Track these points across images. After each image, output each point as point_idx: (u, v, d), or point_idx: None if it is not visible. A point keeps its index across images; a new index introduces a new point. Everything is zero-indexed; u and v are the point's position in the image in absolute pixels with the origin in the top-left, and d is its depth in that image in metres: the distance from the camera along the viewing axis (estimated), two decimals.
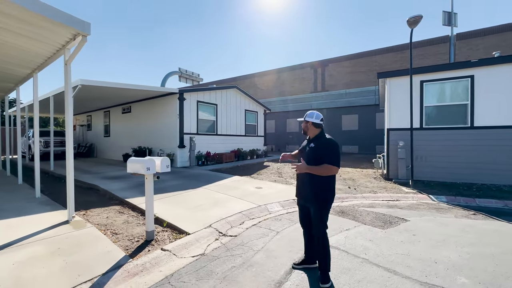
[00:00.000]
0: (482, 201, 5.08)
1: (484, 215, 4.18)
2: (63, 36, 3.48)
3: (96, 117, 15.07)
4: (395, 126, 7.41)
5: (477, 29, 17.46)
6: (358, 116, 19.32)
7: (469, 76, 6.52)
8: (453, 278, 2.28)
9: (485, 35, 17.26)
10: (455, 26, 14.88)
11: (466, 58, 16.62)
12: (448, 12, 14.70)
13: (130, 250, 2.99)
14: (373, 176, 8.00)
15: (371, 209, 4.57)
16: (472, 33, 17.55)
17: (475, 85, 6.46)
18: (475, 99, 6.46)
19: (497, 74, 6.28)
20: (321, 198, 2.29)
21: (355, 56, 21.24)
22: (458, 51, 17.49)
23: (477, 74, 6.44)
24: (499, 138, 6.23)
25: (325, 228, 2.32)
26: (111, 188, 5.71)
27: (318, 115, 2.41)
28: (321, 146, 2.31)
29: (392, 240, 3.14)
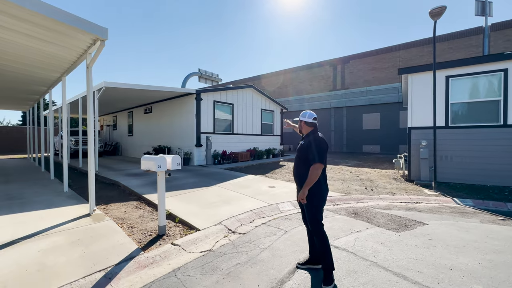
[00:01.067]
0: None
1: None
2: (85, 42, 3.73)
3: (121, 117, 15.93)
4: (418, 124, 7.01)
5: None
6: (380, 114, 18.53)
7: (502, 70, 5.98)
8: (469, 287, 2.12)
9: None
10: (490, 15, 13.71)
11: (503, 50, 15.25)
12: (482, 1, 13.58)
13: (143, 243, 3.14)
14: (393, 177, 7.64)
15: (387, 211, 4.38)
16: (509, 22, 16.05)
17: (509, 80, 5.92)
18: (509, 94, 5.92)
19: None
20: (309, 195, 2.32)
21: (377, 52, 20.35)
22: (494, 43, 16.08)
23: (511, 68, 5.89)
24: None
25: (320, 225, 2.33)
26: (131, 185, 6.02)
27: (310, 115, 2.53)
28: (307, 143, 2.43)
29: (406, 244, 2.99)
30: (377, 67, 19.87)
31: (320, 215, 2.36)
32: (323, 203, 2.41)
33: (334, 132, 20.70)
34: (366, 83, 20.12)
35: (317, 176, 2.26)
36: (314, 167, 2.27)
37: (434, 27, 5.92)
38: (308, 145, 2.38)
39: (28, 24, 3.27)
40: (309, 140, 2.41)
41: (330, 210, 4.50)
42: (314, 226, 2.34)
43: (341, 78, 21.62)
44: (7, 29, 3.39)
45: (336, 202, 5.09)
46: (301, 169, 2.42)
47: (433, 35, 6.04)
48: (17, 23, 3.23)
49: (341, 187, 6.22)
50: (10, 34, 3.54)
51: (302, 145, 2.47)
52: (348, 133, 19.99)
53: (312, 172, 2.26)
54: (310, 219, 2.36)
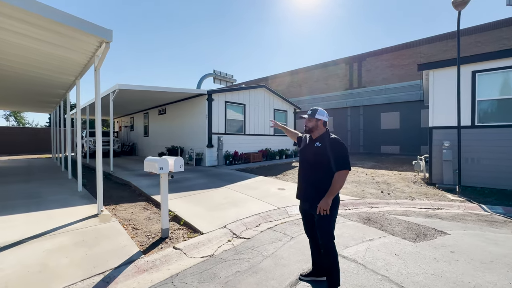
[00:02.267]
0: None
1: None
2: (92, 44, 3.78)
3: (137, 118, 16.40)
4: (440, 124, 6.53)
5: None
6: (400, 113, 17.67)
7: None
8: None
9: None
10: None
11: None
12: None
13: (145, 246, 3.11)
14: (413, 180, 7.17)
15: (403, 218, 4.06)
16: None
17: None
18: None
19: None
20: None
21: (396, 48, 19.42)
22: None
23: None
24: None
25: (333, 239, 2.09)
26: (141, 185, 6.10)
27: (327, 114, 2.33)
28: (328, 146, 2.13)
29: (423, 256, 2.71)
30: (396, 63, 18.96)
31: (334, 226, 2.15)
32: (337, 212, 2.21)
33: (351, 132, 20.03)
34: (384, 81, 19.28)
35: (343, 182, 2.06)
36: (342, 174, 2.03)
37: (458, 18, 5.46)
38: (331, 149, 2.10)
39: (44, 31, 3.38)
40: (331, 143, 2.12)
41: (342, 215, 4.25)
42: (327, 241, 2.09)
43: (358, 76, 20.88)
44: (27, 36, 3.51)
45: (348, 207, 4.82)
46: (318, 175, 2.13)
47: (457, 27, 5.57)
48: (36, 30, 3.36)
49: (355, 190, 5.92)
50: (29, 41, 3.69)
51: (319, 147, 2.16)
52: (365, 133, 19.25)
53: (339, 180, 2.02)
54: (325, 233, 2.08)
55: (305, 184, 2.24)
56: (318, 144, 2.18)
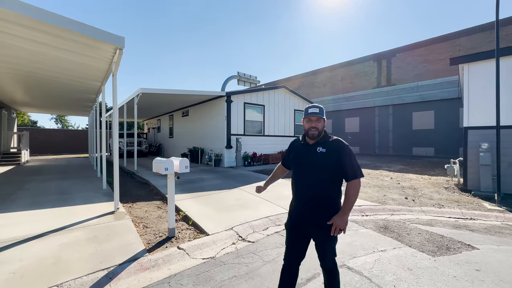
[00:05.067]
0: None
1: None
2: (109, 52, 4.03)
3: (163, 120, 17.22)
4: (476, 123, 5.85)
5: None
6: (435, 112, 16.28)
7: None
8: None
9: None
10: None
11: None
12: None
13: (151, 244, 3.20)
14: (444, 186, 6.51)
15: (426, 228, 3.68)
16: None
17: None
18: None
19: None
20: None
21: (430, 42, 17.91)
22: None
23: None
24: None
25: (335, 256, 1.86)
26: (159, 184, 6.35)
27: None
28: (335, 151, 1.75)
29: (441, 272, 2.41)
30: (430, 59, 17.50)
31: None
32: None
33: (379, 133, 18.92)
34: (416, 77, 17.90)
35: (358, 193, 1.75)
36: (357, 183, 1.72)
37: (497, 5, 4.83)
38: (341, 154, 1.73)
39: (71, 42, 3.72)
40: (339, 146, 1.76)
41: (356, 222, 4.00)
42: (333, 264, 1.83)
43: (387, 73, 19.67)
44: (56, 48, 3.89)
45: (365, 213, 4.52)
46: (324, 188, 1.74)
47: (495, 15, 4.94)
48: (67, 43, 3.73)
49: (375, 196, 5.54)
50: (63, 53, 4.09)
51: (324, 154, 1.75)
52: (395, 134, 18.03)
53: (355, 192, 1.71)
54: (332, 255, 1.81)
55: (307, 199, 1.80)
56: (322, 149, 1.76)
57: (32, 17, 2.94)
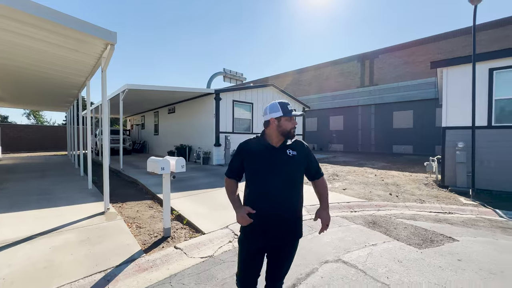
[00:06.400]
0: None
1: None
2: (99, 47, 3.87)
3: (148, 117, 16.74)
4: (454, 124, 6.26)
5: None
6: (413, 112, 17.12)
7: None
8: None
9: None
10: None
11: None
12: None
13: (147, 245, 3.16)
14: (424, 182, 6.93)
15: (411, 222, 3.93)
16: None
17: None
18: None
19: None
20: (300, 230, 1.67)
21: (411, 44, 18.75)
22: None
23: None
24: None
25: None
26: (148, 183, 6.22)
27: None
28: (304, 152, 1.63)
29: (428, 264, 2.61)
30: (410, 60, 18.34)
31: None
32: None
33: (362, 131, 19.60)
34: (397, 78, 18.70)
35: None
36: (325, 180, 1.71)
37: (474, 13, 5.19)
38: (308, 153, 1.64)
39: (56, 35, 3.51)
40: (303, 146, 1.65)
41: (346, 218, 4.17)
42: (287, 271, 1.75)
43: (370, 73, 20.36)
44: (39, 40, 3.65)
45: (354, 209, 4.72)
46: (296, 195, 1.59)
47: (473, 22, 5.30)
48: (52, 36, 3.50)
49: (362, 192, 5.78)
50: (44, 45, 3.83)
51: (296, 156, 1.58)
52: (377, 132, 18.78)
53: (327, 186, 1.71)
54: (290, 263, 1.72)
55: (278, 213, 1.55)
56: (293, 152, 1.58)
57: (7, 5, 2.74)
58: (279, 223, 1.56)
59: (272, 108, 1.61)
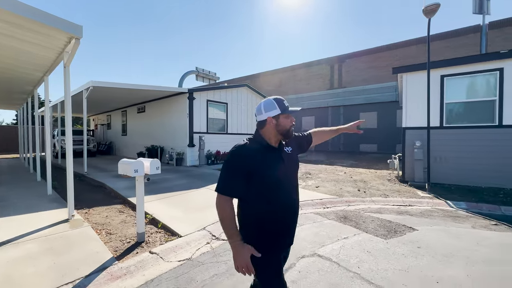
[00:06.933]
0: (509, 209, 4.54)
1: (508, 226, 3.71)
2: (61, 40, 3.57)
3: (115, 116, 15.74)
4: (412, 124, 6.89)
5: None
6: (377, 113, 18.42)
7: (497, 69, 5.85)
8: None
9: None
10: (488, 14, 13.55)
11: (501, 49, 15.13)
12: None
13: (119, 251, 3.00)
14: (387, 178, 7.52)
15: (377, 215, 4.25)
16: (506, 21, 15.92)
17: (505, 79, 5.79)
18: (504, 94, 5.79)
19: None
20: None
21: (375, 50, 20.20)
22: (491, 42, 15.96)
23: (507, 67, 5.76)
24: None
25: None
26: (117, 187, 5.88)
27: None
28: (294, 143, 1.59)
29: (393, 252, 2.86)
30: (374, 65, 19.73)
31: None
32: None
33: None
34: (363, 81, 19.99)
35: None
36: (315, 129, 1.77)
37: (428, 25, 5.77)
38: (296, 142, 1.61)
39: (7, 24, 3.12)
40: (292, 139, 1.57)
41: (320, 214, 4.37)
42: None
43: (338, 76, 21.48)
44: None
45: (327, 205, 4.96)
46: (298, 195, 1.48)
47: (427, 34, 5.89)
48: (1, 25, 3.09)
49: (333, 189, 6.10)
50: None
51: (293, 152, 1.51)
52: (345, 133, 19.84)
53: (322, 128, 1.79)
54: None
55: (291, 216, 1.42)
56: (290, 148, 1.51)
57: None
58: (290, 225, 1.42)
59: (268, 106, 1.40)
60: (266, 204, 1.31)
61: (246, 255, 1.27)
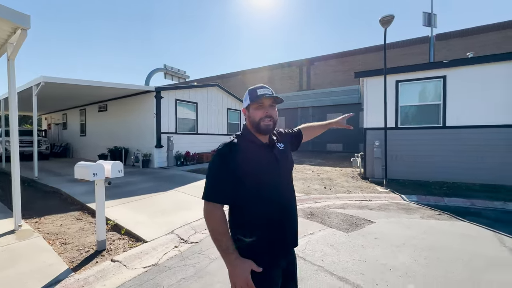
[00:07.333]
0: (450, 200, 5.16)
1: (449, 215, 4.22)
2: (5, 31, 3.18)
3: (72, 115, 14.43)
4: (372, 125, 7.44)
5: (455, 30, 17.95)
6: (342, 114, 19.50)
7: (441, 77, 6.60)
8: (404, 287, 2.23)
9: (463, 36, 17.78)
10: (435, 27, 15.20)
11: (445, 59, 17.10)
12: (428, 13, 14.99)
13: (76, 262, 2.78)
14: (351, 175, 8.03)
15: (341, 211, 4.53)
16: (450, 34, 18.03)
17: (448, 86, 6.56)
18: (447, 99, 6.56)
19: (466, 75, 6.39)
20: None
21: (340, 55, 21.40)
22: (438, 52, 17.93)
23: (449, 75, 6.53)
24: (469, 138, 6.36)
25: None
26: (75, 192, 5.41)
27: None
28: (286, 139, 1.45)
29: (353, 244, 3.08)
30: (339, 69, 20.89)
31: None
32: None
33: None
34: (330, 84, 21.05)
35: None
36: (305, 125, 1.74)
37: (384, 34, 6.30)
38: (288, 139, 1.49)
39: None
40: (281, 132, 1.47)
41: None
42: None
43: (307, 78, 22.31)
44: None
45: None
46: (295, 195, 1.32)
47: (384, 42, 6.42)
48: None
49: (302, 187, 6.33)
50: None
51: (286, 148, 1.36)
52: None
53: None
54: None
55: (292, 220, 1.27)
56: (282, 145, 1.34)
57: None
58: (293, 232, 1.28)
59: (245, 95, 1.26)
60: (260, 208, 1.15)
61: (247, 271, 1.07)
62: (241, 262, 1.08)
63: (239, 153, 1.16)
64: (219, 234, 1.10)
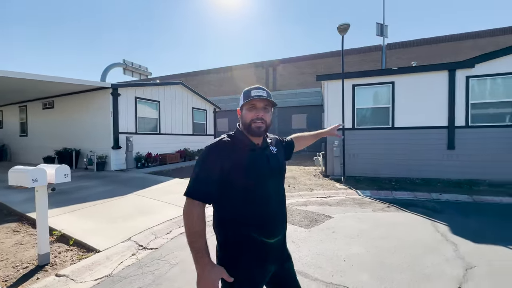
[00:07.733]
0: (398, 193, 5.74)
1: (396, 207, 4.69)
2: None
3: (9, 112, 12.61)
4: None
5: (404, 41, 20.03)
6: (307, 115, 20.38)
7: (390, 82, 7.31)
8: (356, 275, 2.41)
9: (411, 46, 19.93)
10: (386, 37, 16.76)
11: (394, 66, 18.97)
12: (381, 24, 16.47)
13: (11, 281, 2.44)
14: (313, 174, 8.42)
15: (303, 208, 4.72)
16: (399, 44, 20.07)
17: (396, 91, 7.28)
18: (395, 103, 7.28)
19: (410, 82, 7.17)
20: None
21: (303, 58, 22.31)
22: (389, 59, 19.81)
23: (397, 81, 7.26)
24: (412, 138, 7.14)
25: None
26: (11, 201, 4.74)
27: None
28: (281, 146, 1.45)
29: (313, 239, 3.24)
30: (303, 72, 21.78)
31: None
32: None
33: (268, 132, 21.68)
34: (297, 86, 21.81)
35: None
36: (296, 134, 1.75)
37: (342, 41, 6.75)
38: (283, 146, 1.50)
39: None
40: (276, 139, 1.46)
41: None
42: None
43: (273, 79, 22.81)
44: None
45: None
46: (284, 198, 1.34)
47: (341, 48, 6.88)
48: None
49: None
50: None
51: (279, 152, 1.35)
52: (280, 133, 21.01)
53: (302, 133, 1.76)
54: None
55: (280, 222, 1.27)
56: (275, 149, 1.33)
57: None
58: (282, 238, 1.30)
59: (240, 98, 1.26)
60: (248, 208, 1.12)
61: (216, 277, 1.02)
62: (212, 267, 1.03)
63: (228, 151, 1.13)
64: (194, 233, 1.04)
